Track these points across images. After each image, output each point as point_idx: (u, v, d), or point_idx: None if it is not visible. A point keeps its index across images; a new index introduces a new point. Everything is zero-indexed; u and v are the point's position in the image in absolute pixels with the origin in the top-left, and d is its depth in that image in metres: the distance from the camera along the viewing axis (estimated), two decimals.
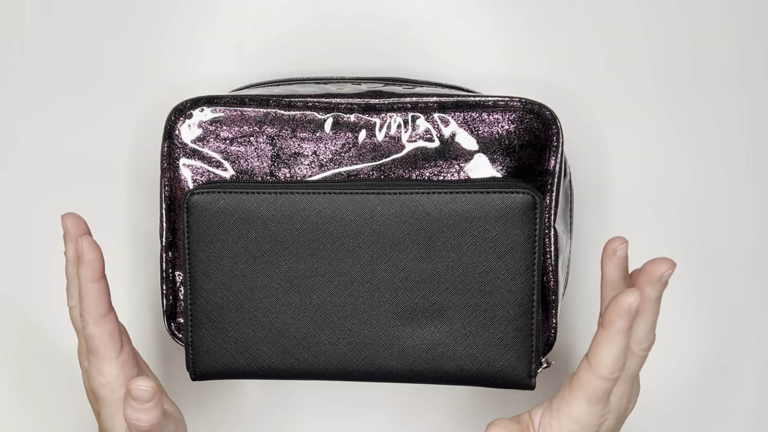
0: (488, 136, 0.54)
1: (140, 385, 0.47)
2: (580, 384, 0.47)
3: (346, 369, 0.52)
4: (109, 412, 0.50)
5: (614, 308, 0.44)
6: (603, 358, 0.45)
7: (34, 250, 0.65)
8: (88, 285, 0.48)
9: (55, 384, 0.66)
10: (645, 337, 0.48)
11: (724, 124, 0.64)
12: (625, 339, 0.45)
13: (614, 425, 0.49)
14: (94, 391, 0.50)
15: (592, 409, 0.47)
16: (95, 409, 0.52)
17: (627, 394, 0.49)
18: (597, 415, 0.47)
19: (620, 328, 0.45)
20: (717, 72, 0.63)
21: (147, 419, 0.47)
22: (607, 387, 0.46)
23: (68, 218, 0.50)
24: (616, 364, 0.45)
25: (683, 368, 0.65)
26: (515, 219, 0.50)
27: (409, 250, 0.51)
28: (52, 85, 0.64)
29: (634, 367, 0.48)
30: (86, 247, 0.48)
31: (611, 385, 0.46)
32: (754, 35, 0.63)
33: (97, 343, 0.49)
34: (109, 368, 0.49)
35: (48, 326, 0.65)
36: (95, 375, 0.49)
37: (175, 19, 0.64)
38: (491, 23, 0.64)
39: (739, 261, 0.64)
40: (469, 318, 0.51)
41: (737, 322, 0.64)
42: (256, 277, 0.51)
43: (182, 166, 0.55)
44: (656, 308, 0.47)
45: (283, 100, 0.54)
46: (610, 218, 0.64)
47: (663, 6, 0.63)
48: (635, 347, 0.48)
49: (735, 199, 0.64)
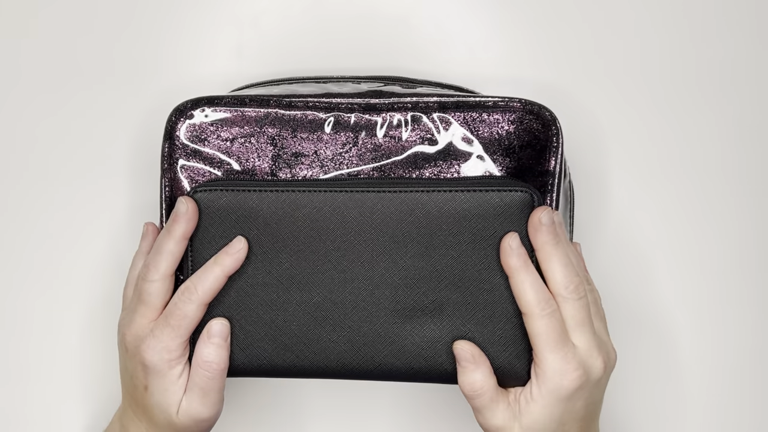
0: (488, 137, 0.54)
1: (220, 320, 0.52)
2: (533, 338, 0.49)
3: (346, 366, 0.52)
4: (163, 385, 0.51)
5: (501, 255, 0.50)
6: (524, 298, 0.49)
7: (35, 250, 0.65)
8: (217, 271, 0.51)
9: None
10: (567, 279, 0.49)
11: (723, 123, 0.64)
12: (528, 275, 0.49)
13: (592, 385, 0.50)
14: (152, 364, 0.51)
15: (557, 357, 0.48)
16: (141, 383, 0.52)
17: (594, 345, 0.49)
18: (567, 362, 0.48)
19: (514, 266, 0.49)
20: (717, 72, 0.64)
21: (220, 359, 0.51)
22: (551, 324, 0.48)
23: (191, 202, 0.52)
24: (537, 298, 0.49)
25: (683, 367, 0.65)
26: (514, 217, 0.50)
27: (409, 248, 0.51)
28: (52, 85, 0.65)
29: (578, 312, 0.49)
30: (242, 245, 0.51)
31: (554, 323, 0.48)
32: (754, 35, 0.63)
33: (186, 323, 0.51)
34: (178, 343, 0.51)
35: (49, 321, 0.65)
36: (161, 349, 0.51)
37: (175, 20, 0.64)
38: (491, 23, 0.64)
39: (740, 260, 0.64)
40: (469, 315, 0.51)
41: (737, 322, 0.64)
42: (256, 274, 0.51)
43: (183, 167, 0.55)
44: (555, 251, 0.49)
45: (284, 100, 0.54)
46: (610, 218, 0.64)
47: (663, 6, 0.63)
48: (562, 291, 0.49)
49: (735, 199, 0.64)
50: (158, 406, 0.52)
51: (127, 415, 0.54)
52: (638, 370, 0.64)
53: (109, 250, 0.65)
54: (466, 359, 0.50)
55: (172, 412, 0.52)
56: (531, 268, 0.49)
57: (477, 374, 0.50)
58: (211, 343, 0.51)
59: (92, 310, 0.65)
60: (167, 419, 0.52)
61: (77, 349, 0.65)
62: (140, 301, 0.52)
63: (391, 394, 0.65)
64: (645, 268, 0.60)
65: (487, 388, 0.50)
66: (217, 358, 0.51)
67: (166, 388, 0.51)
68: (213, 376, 0.51)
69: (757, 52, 0.63)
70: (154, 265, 0.51)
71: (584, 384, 0.49)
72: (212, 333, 0.51)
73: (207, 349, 0.51)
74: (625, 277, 0.64)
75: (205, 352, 0.51)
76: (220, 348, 0.51)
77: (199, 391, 0.51)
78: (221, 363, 0.51)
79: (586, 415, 0.51)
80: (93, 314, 0.65)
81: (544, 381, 0.49)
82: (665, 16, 0.63)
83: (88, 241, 0.65)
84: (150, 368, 0.51)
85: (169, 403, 0.52)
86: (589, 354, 0.49)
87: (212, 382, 0.51)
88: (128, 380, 0.54)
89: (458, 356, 0.51)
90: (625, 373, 0.63)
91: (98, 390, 0.65)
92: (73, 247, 0.65)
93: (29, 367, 0.66)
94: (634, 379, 0.64)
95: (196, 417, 0.52)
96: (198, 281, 0.51)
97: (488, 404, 0.50)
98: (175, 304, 0.51)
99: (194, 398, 0.51)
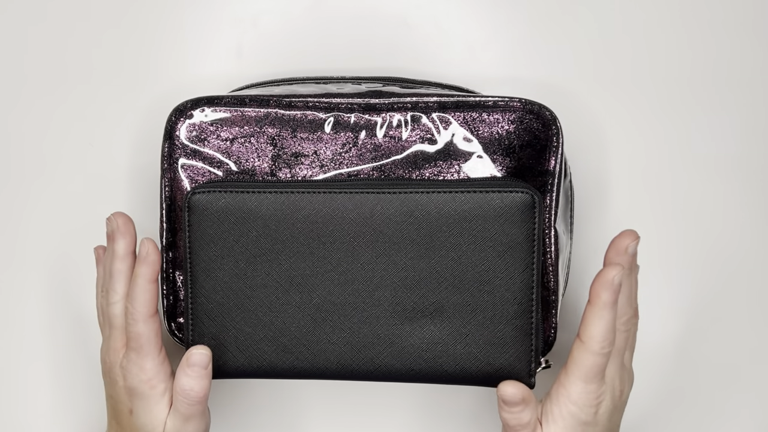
0: (488, 137, 0.54)
1: (200, 350, 0.51)
2: (575, 364, 0.49)
3: (345, 368, 0.52)
4: (147, 406, 0.51)
5: (599, 282, 0.48)
6: (593, 333, 0.48)
7: (35, 249, 0.65)
8: (146, 285, 0.50)
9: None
10: (623, 310, 0.50)
11: (723, 123, 0.64)
12: (611, 312, 0.48)
13: (611, 410, 0.51)
14: (132, 387, 0.51)
15: (588, 388, 0.49)
16: (126, 407, 0.52)
17: (619, 374, 0.51)
18: (593, 394, 0.49)
19: (605, 301, 0.48)
20: (717, 72, 0.64)
21: (200, 388, 0.50)
22: (600, 363, 0.49)
23: (119, 216, 0.53)
24: (606, 337, 0.48)
25: (683, 367, 0.65)
26: (514, 218, 0.50)
27: (409, 250, 0.51)
28: (52, 85, 0.65)
29: (620, 343, 0.50)
30: (152, 248, 0.51)
31: (604, 361, 0.49)
32: (753, 36, 0.63)
33: (143, 341, 0.51)
34: (151, 365, 0.51)
35: (48, 323, 0.65)
36: (136, 372, 0.51)
37: (175, 19, 0.64)
38: (491, 23, 0.64)
39: (740, 260, 0.64)
40: (469, 317, 0.51)
41: (737, 321, 0.64)
42: (256, 276, 0.51)
43: (183, 167, 0.55)
44: (629, 281, 0.50)
45: (284, 101, 0.54)
46: (610, 218, 0.64)
47: (663, 6, 0.63)
48: (617, 322, 0.50)
49: (735, 198, 0.64)
50: (144, 428, 0.52)
51: None
52: (637, 370, 0.64)
53: None
54: (515, 404, 0.49)
55: (157, 431, 0.52)
56: (616, 308, 0.49)
57: (526, 414, 0.50)
58: (191, 372, 0.50)
59: (90, 310, 0.65)
60: None
61: (75, 351, 0.65)
62: (111, 325, 0.53)
63: (391, 394, 0.65)
64: (644, 267, 0.60)
65: (533, 422, 0.50)
66: (197, 386, 0.51)
67: (150, 408, 0.51)
68: (193, 403, 0.51)
69: (757, 53, 0.63)
70: (111, 288, 0.52)
71: (604, 410, 0.50)
72: (191, 362, 0.51)
73: (186, 378, 0.51)
74: None
75: (184, 381, 0.51)
76: (200, 378, 0.51)
77: (181, 416, 0.51)
78: (201, 392, 0.51)
79: None
80: (91, 314, 0.65)
81: (566, 403, 0.50)
82: (665, 16, 0.63)
83: (88, 242, 0.65)
84: (133, 392, 0.51)
85: (155, 424, 0.51)
86: (613, 382, 0.50)
87: (193, 408, 0.51)
88: (113, 406, 0.54)
89: (505, 400, 0.50)
90: None
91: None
92: (73, 248, 0.65)
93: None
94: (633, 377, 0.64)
95: None
96: (131, 300, 0.51)
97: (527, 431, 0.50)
98: (127, 329, 0.51)
99: (177, 420, 0.51)
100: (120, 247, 0.52)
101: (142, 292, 0.50)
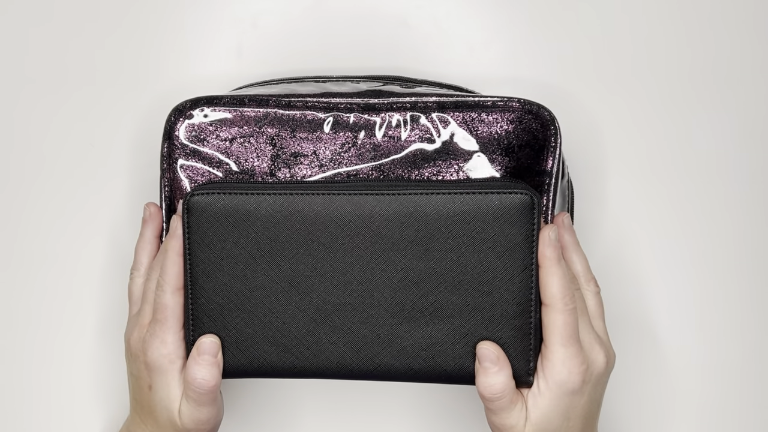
0: (487, 136, 0.54)
1: (210, 338, 0.52)
2: (548, 330, 0.50)
3: (345, 368, 0.52)
4: (165, 381, 0.52)
5: (540, 243, 0.50)
6: (553, 291, 0.50)
7: (34, 249, 0.65)
8: (175, 257, 0.52)
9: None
10: (588, 275, 0.53)
11: (723, 123, 0.64)
12: (561, 268, 0.50)
13: (595, 382, 0.51)
14: (152, 362, 0.52)
15: (568, 352, 0.50)
16: (146, 383, 0.53)
17: (596, 341, 0.51)
18: (577, 358, 0.50)
19: (550, 257, 0.50)
20: (716, 71, 0.64)
21: (211, 377, 0.51)
22: (570, 321, 0.50)
23: (152, 205, 0.56)
24: (565, 293, 0.50)
25: (683, 367, 0.65)
26: (513, 219, 0.50)
27: (408, 250, 0.51)
28: (52, 85, 0.65)
29: (582, 305, 0.52)
30: (179, 225, 0.52)
31: (573, 319, 0.50)
32: (753, 35, 0.63)
33: (168, 313, 0.52)
34: (172, 338, 0.52)
35: (48, 322, 0.66)
36: (158, 345, 0.52)
37: (175, 20, 0.64)
38: (491, 23, 0.64)
39: (738, 260, 0.64)
40: (468, 317, 0.51)
41: (737, 321, 0.64)
42: (256, 277, 0.52)
43: (182, 167, 0.55)
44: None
45: (283, 100, 0.54)
46: (609, 218, 0.64)
47: (663, 6, 0.63)
48: (583, 284, 0.53)
49: (735, 198, 0.64)
50: (161, 404, 0.53)
51: (134, 421, 0.55)
52: (636, 369, 0.65)
53: (109, 250, 0.65)
54: (491, 360, 0.51)
55: (173, 409, 0.52)
56: (563, 263, 0.50)
57: (500, 377, 0.50)
58: (201, 361, 0.52)
59: (91, 310, 0.65)
60: (170, 418, 0.53)
61: (77, 352, 0.65)
62: (146, 300, 0.54)
63: (391, 394, 0.65)
64: (643, 267, 0.60)
65: (507, 391, 0.50)
66: (208, 375, 0.51)
67: (168, 383, 0.52)
68: (204, 392, 0.52)
69: (756, 51, 0.63)
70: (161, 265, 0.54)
71: (588, 379, 0.50)
72: (201, 350, 0.52)
73: (196, 367, 0.52)
74: (624, 276, 0.64)
75: (195, 369, 0.51)
76: (210, 365, 0.52)
77: (193, 402, 0.52)
78: (211, 380, 0.51)
79: (589, 413, 0.52)
80: (91, 315, 0.65)
81: (552, 374, 0.50)
82: (665, 16, 0.63)
83: (88, 242, 0.65)
84: (152, 366, 0.52)
85: (171, 400, 0.52)
86: (591, 349, 0.51)
87: (205, 397, 0.52)
88: (134, 384, 0.55)
89: (481, 356, 0.51)
90: (623, 372, 0.63)
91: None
92: (73, 248, 0.65)
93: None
94: (631, 377, 0.64)
95: (196, 419, 0.52)
96: (162, 272, 0.52)
97: (506, 406, 0.51)
98: (155, 300, 0.53)
99: (191, 405, 0.52)
100: (150, 231, 0.56)
101: (171, 264, 0.52)
